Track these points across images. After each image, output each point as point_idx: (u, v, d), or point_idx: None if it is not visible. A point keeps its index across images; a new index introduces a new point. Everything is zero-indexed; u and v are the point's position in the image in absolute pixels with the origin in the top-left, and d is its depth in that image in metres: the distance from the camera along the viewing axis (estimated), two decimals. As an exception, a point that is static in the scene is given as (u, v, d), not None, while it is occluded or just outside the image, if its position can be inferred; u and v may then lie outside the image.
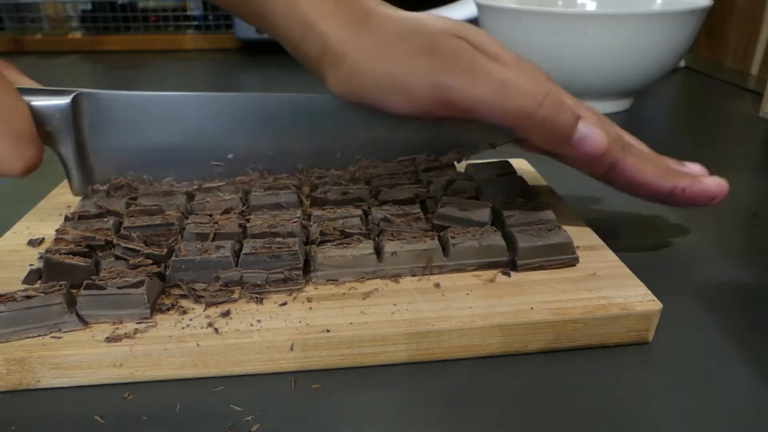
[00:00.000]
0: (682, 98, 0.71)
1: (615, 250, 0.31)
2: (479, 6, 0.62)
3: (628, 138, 0.33)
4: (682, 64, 0.80)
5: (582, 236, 0.32)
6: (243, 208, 0.33)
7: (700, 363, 0.25)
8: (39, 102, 0.32)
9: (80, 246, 0.29)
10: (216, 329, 0.25)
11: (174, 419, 0.23)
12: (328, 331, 0.24)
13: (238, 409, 0.23)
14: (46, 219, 0.35)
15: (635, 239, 0.36)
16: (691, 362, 0.25)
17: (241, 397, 0.24)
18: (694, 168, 0.34)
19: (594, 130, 0.29)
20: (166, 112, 0.34)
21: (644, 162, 0.32)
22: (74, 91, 0.33)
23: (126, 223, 0.30)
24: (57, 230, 0.30)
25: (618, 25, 0.53)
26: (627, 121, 0.60)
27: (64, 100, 0.32)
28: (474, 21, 0.78)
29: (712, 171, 0.48)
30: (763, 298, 0.30)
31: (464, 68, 0.29)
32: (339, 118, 0.35)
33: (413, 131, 0.35)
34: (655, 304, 0.26)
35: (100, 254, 0.29)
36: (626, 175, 0.31)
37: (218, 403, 0.23)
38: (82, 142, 0.33)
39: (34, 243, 0.32)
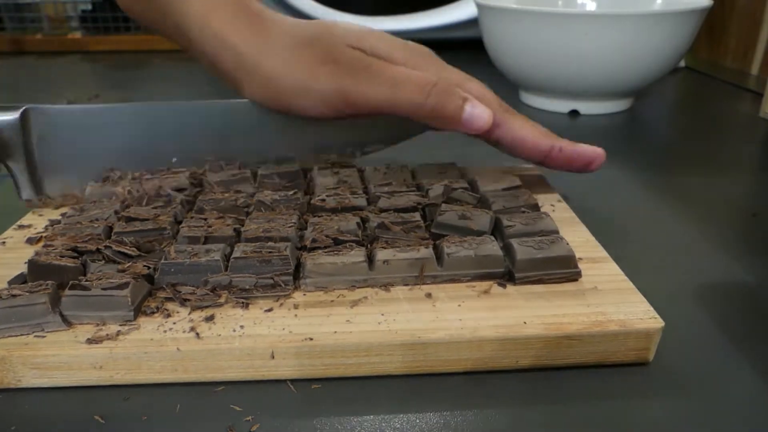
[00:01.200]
0: (682, 98, 0.71)
1: (612, 250, 0.31)
2: (479, 6, 0.62)
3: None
4: (682, 64, 0.80)
5: (585, 247, 0.31)
6: (243, 208, 0.33)
7: (702, 374, 0.25)
8: None
9: (69, 250, 0.29)
10: (198, 334, 0.24)
11: (174, 419, 0.22)
12: (311, 339, 0.24)
13: (238, 409, 0.23)
14: (50, 216, 0.35)
15: (635, 239, 0.36)
16: (693, 375, 0.25)
17: (241, 397, 0.23)
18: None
19: (479, 109, 0.33)
20: (105, 122, 0.37)
21: (525, 123, 0.36)
22: (22, 106, 0.35)
23: (117, 228, 0.30)
24: (45, 236, 0.30)
25: (618, 25, 0.53)
26: (627, 121, 0.60)
27: (13, 115, 0.35)
28: (474, 21, 0.77)
29: (712, 171, 0.48)
30: (764, 299, 0.30)
31: (360, 73, 0.34)
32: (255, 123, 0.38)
33: (326, 130, 0.39)
34: (656, 322, 0.25)
35: (90, 258, 0.28)
36: (510, 133, 0.35)
37: (218, 403, 0.23)
38: (31, 153, 0.36)
39: (32, 241, 0.32)
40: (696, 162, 0.49)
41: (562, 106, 0.61)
